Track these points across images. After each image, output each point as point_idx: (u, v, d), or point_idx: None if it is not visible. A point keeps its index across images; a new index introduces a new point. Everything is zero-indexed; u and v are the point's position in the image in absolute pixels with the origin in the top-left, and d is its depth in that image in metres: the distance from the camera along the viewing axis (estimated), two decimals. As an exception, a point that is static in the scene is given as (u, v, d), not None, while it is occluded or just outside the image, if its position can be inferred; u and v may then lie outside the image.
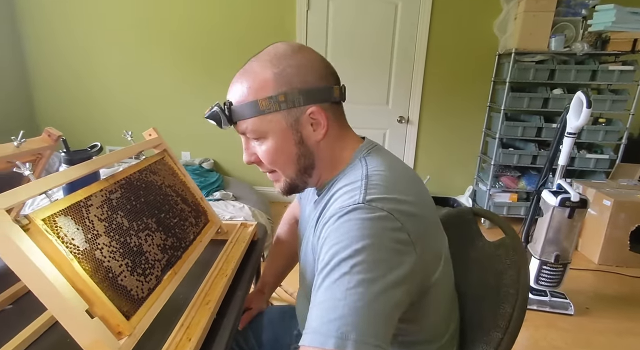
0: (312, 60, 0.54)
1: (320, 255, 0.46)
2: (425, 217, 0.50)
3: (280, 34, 2.55)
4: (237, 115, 0.54)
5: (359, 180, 0.50)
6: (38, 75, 2.75)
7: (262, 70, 0.52)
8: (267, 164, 0.56)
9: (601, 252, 2.07)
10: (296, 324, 0.78)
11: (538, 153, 2.37)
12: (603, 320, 1.61)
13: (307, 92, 0.52)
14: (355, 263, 0.42)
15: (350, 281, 0.41)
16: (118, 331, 0.46)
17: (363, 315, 0.40)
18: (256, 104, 0.52)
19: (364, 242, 0.42)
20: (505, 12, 2.34)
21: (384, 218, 0.44)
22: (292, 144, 0.54)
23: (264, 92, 0.52)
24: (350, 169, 0.55)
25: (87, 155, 0.80)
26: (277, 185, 0.60)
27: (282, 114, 0.52)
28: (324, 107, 0.53)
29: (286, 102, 0.51)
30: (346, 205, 0.46)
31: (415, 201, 0.49)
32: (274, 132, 0.53)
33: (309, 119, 0.53)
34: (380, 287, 0.41)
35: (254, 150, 0.57)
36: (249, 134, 0.55)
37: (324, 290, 0.43)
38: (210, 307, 0.58)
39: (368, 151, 0.56)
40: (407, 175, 0.55)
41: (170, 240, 0.63)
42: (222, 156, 2.88)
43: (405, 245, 0.45)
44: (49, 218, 0.45)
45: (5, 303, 0.62)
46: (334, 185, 0.55)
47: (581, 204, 1.47)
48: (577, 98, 1.45)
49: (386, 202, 0.46)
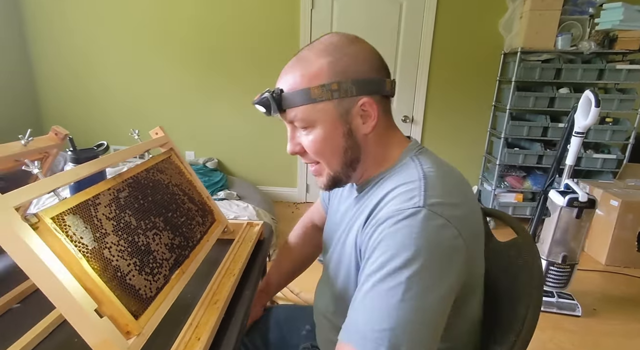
0: (366, 52, 0.53)
1: (372, 257, 0.45)
2: (477, 221, 0.50)
3: (284, 33, 2.55)
4: (288, 102, 0.52)
5: (417, 181, 0.48)
6: (44, 75, 2.76)
7: (316, 59, 0.51)
8: (313, 154, 0.55)
9: (608, 253, 2.05)
10: (304, 324, 0.78)
11: (544, 153, 2.35)
12: (611, 321, 1.59)
13: (361, 82, 0.51)
14: (412, 274, 0.41)
15: (405, 292, 0.41)
16: (127, 331, 0.45)
17: (415, 327, 0.41)
18: (308, 92, 0.51)
19: (421, 253, 0.42)
20: (511, 10, 2.32)
21: (444, 226, 0.44)
22: (340, 136, 0.53)
23: (317, 80, 0.51)
24: (402, 167, 0.53)
25: (93, 154, 0.80)
26: (319, 179, 0.59)
27: (333, 104, 0.51)
28: (375, 99, 0.53)
29: (339, 91, 0.50)
30: (405, 207, 0.45)
31: (469, 205, 0.49)
32: (323, 121, 0.52)
33: (359, 111, 0.52)
34: (434, 299, 0.42)
35: (299, 140, 0.56)
36: (297, 123, 0.54)
37: (376, 296, 0.42)
38: (219, 307, 0.58)
39: (419, 150, 0.56)
40: (459, 177, 0.54)
41: (178, 240, 0.63)
42: (226, 156, 2.88)
43: (459, 254, 0.45)
44: (58, 216, 0.45)
45: (12, 302, 0.62)
46: (382, 182, 0.54)
47: (589, 204, 1.46)
48: (586, 97, 1.44)
49: (446, 208, 0.45)
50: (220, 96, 2.73)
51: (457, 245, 0.45)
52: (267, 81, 2.75)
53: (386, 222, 0.45)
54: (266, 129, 2.77)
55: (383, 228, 0.46)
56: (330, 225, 0.68)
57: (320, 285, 0.70)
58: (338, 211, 0.66)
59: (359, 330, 0.42)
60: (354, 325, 0.43)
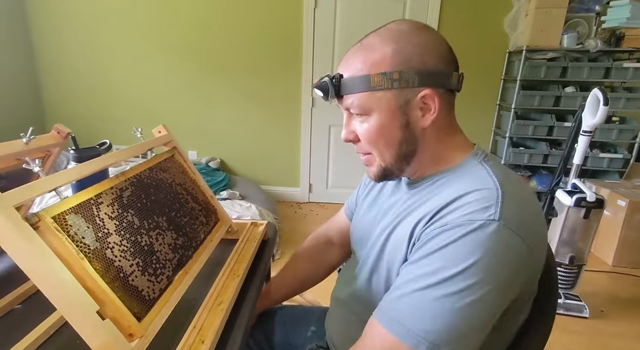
0: (434, 41, 0.50)
1: (429, 258, 0.44)
2: (545, 239, 0.49)
3: (287, 32, 2.53)
4: (346, 88, 0.51)
5: (493, 190, 0.45)
6: (47, 74, 2.77)
7: (380, 46, 0.49)
8: (366, 143, 0.53)
9: (615, 254, 2.02)
10: (308, 325, 0.76)
11: (549, 152, 2.33)
12: (619, 323, 1.57)
13: (425, 73, 0.49)
14: (471, 285, 0.41)
15: (460, 300, 0.41)
16: (129, 333, 0.44)
17: (460, 334, 0.42)
18: (368, 79, 0.49)
19: (486, 267, 0.41)
20: (516, 8, 2.30)
21: (517, 243, 0.43)
22: (396, 127, 0.51)
23: (379, 68, 0.49)
24: (469, 171, 0.51)
25: (96, 153, 0.79)
26: (369, 169, 0.56)
27: (392, 93, 0.49)
28: (438, 92, 0.50)
29: (400, 80, 0.48)
30: (478, 218, 0.43)
31: (541, 221, 0.48)
32: (380, 110, 0.50)
33: (419, 103, 0.50)
34: (486, 314, 0.42)
35: (354, 127, 0.54)
36: (354, 109, 0.52)
37: (429, 298, 0.42)
38: (223, 308, 0.56)
39: (486, 156, 0.53)
40: (530, 190, 0.52)
41: (181, 240, 0.62)
42: (229, 155, 2.87)
43: (525, 272, 0.45)
44: (59, 216, 0.44)
45: (14, 303, 0.61)
46: (445, 182, 0.51)
47: (597, 204, 1.44)
48: (594, 95, 1.42)
49: (522, 225, 0.43)
50: (223, 95, 2.72)
51: (524, 263, 0.44)
52: (270, 80, 2.75)
53: (455, 229, 0.43)
54: (269, 129, 2.76)
55: (450, 234, 0.43)
56: (368, 219, 0.64)
57: (346, 275, 0.68)
58: (378, 206, 0.63)
59: (403, 324, 0.43)
60: (396, 316, 0.44)
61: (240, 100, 2.71)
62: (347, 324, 0.63)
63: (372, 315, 0.48)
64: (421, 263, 0.45)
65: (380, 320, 0.46)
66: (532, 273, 0.46)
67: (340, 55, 2.54)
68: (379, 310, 0.47)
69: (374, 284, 0.56)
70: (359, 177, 0.82)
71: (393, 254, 0.52)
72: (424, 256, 0.45)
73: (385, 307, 0.46)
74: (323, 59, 2.57)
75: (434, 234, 0.45)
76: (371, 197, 0.66)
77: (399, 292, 0.45)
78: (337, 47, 2.55)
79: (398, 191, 0.60)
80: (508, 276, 0.43)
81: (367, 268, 0.58)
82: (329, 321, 0.69)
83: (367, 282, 0.58)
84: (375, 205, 0.64)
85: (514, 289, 0.45)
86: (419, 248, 0.46)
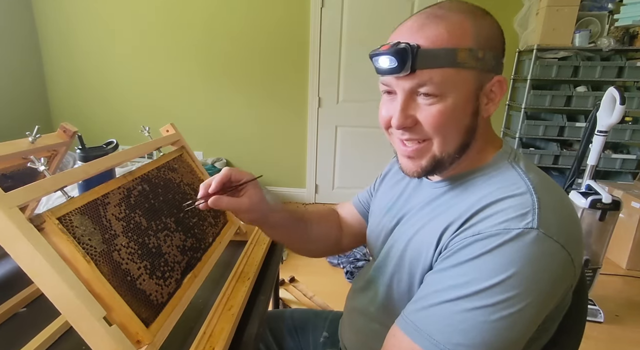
0: (498, 27, 0.46)
1: (461, 269, 0.41)
2: (583, 239, 0.46)
3: (294, 31, 2.52)
4: (427, 61, 0.41)
5: (527, 194, 0.42)
6: (54, 73, 2.78)
7: (459, 19, 0.43)
8: (431, 128, 0.44)
9: (630, 257, 1.97)
10: (321, 331, 0.74)
11: (560, 153, 2.29)
12: (635, 328, 1.52)
13: (500, 58, 0.45)
14: (506, 299, 0.38)
15: (493, 313, 0.38)
16: (137, 340, 0.42)
17: (492, 349, 0.39)
18: (454, 53, 0.41)
19: (524, 280, 0.38)
20: (527, 7, 2.26)
21: (557, 252, 0.39)
22: (469, 113, 0.45)
23: (464, 42, 0.42)
24: (499, 172, 0.47)
25: (102, 152, 0.78)
26: (413, 162, 0.48)
27: (473, 74, 0.43)
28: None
29: (484, 60, 0.43)
30: (515, 227, 0.39)
31: (579, 225, 0.45)
32: (458, 92, 0.43)
33: (488, 90, 0.45)
34: (520, 328, 0.39)
35: (413, 111, 0.45)
36: (427, 88, 0.43)
37: (459, 310, 0.39)
38: (234, 313, 0.54)
39: (515, 155, 0.49)
40: (564, 192, 0.48)
41: (190, 241, 0.60)
42: (235, 156, 2.86)
43: (566, 282, 0.42)
44: (65, 217, 0.42)
45: (18, 306, 0.59)
46: (474, 182, 0.48)
47: (613, 206, 1.40)
48: (610, 94, 1.38)
49: (562, 231, 0.40)
50: (229, 96, 2.71)
51: (566, 273, 0.41)
52: (276, 81, 2.73)
53: (490, 239, 0.40)
54: (275, 129, 2.74)
55: (485, 244, 0.40)
56: (387, 219, 0.60)
57: (361, 280, 0.63)
58: (397, 207, 0.59)
59: (431, 336, 0.40)
60: (423, 327, 0.41)
61: (246, 101, 2.70)
62: (364, 332, 0.60)
63: (394, 324, 0.45)
64: (451, 273, 0.42)
65: (405, 331, 0.42)
66: (573, 280, 0.44)
67: (347, 55, 2.52)
68: (403, 319, 0.44)
69: (395, 290, 0.53)
70: (365, 177, 0.78)
71: (416, 259, 0.49)
72: (454, 266, 0.42)
73: (411, 317, 0.43)
74: (330, 59, 2.55)
75: (466, 243, 0.42)
76: (389, 199, 0.63)
77: (426, 303, 0.42)
78: (344, 47, 2.53)
79: (420, 191, 0.56)
80: (551, 287, 0.40)
81: (387, 273, 0.55)
82: (343, 328, 0.66)
83: (387, 287, 0.54)
84: (395, 207, 0.60)
85: (556, 299, 0.42)
86: (448, 257, 0.43)
